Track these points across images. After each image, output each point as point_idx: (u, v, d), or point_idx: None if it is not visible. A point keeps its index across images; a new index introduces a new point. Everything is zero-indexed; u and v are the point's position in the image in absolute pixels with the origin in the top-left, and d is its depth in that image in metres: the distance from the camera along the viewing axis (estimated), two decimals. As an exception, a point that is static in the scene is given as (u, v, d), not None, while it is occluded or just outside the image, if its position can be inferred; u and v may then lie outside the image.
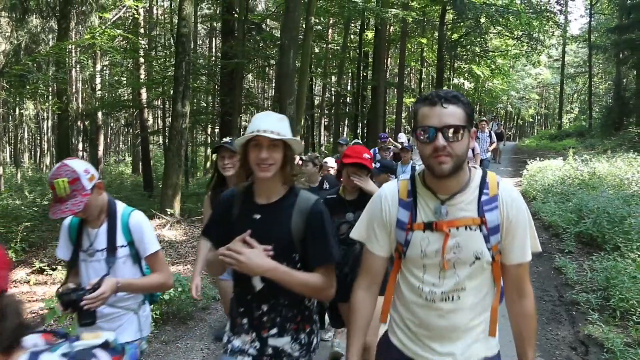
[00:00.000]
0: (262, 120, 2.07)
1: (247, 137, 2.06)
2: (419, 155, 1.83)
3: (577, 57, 45.13)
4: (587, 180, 11.83)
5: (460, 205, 1.83)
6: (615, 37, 22.94)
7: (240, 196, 2.24)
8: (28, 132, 37.93)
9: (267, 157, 2.01)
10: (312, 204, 2.13)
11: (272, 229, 2.10)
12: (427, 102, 1.77)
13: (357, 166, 3.38)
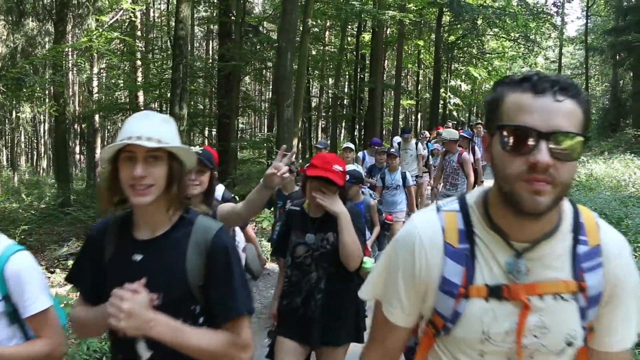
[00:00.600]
0: (137, 123, 1.55)
1: (115, 147, 1.52)
2: (498, 173, 1.12)
3: (574, 58, 45.26)
4: (585, 181, 11.88)
5: (547, 261, 1.17)
6: (611, 39, 23.00)
7: (113, 229, 1.66)
8: (25, 136, 37.84)
9: (143, 175, 1.47)
10: (214, 236, 1.58)
11: (159, 273, 1.54)
12: (529, 86, 1.09)
13: (324, 181, 2.70)
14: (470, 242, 1.20)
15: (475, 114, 43.96)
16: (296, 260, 2.84)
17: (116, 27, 17.67)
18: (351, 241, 2.69)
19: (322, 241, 2.80)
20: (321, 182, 2.71)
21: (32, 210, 12.67)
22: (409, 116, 39.68)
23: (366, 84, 22.93)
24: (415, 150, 10.32)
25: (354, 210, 2.90)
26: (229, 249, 1.60)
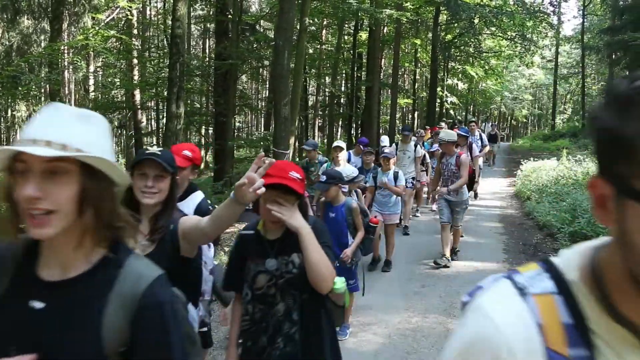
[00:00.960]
0: (40, 120, 1.14)
1: (4, 154, 1.10)
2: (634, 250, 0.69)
3: (570, 57, 45.35)
4: (581, 180, 11.89)
5: None
6: (608, 38, 23.04)
7: (11, 262, 1.20)
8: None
9: (36, 197, 1.05)
10: (147, 288, 1.16)
11: (63, 330, 1.12)
12: None
13: (280, 190, 2.27)
14: (587, 344, 0.75)
15: (472, 113, 44.01)
16: (257, 292, 2.38)
17: (112, 25, 17.61)
18: (319, 259, 2.24)
19: (286, 265, 2.36)
20: (277, 191, 2.25)
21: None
22: (405, 115, 39.69)
23: (363, 83, 22.93)
24: (414, 152, 9.74)
25: (319, 226, 2.49)
26: (165, 307, 1.17)
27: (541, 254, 7.77)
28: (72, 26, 18.13)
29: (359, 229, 4.95)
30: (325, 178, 4.76)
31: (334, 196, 4.83)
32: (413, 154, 9.76)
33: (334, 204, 4.90)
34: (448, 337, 4.07)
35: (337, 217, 4.86)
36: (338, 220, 4.86)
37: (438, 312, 5.50)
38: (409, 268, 7.17)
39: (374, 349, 4.67)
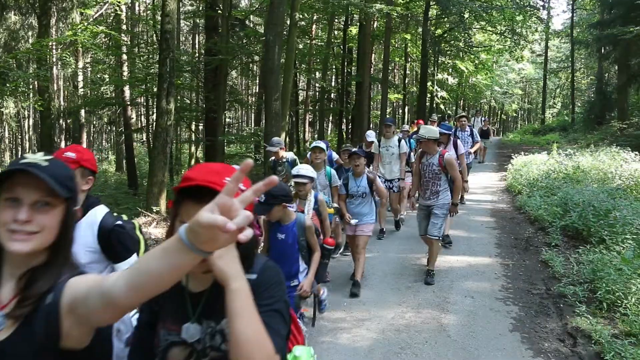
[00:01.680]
0: None
1: None
2: None
3: (560, 52, 45.52)
4: (572, 174, 11.96)
5: None
6: (597, 33, 23.14)
7: None
8: (9, 131, 37.34)
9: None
10: None
11: None
12: None
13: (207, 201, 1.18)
14: None
15: (462, 107, 44.13)
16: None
17: (101, 21, 17.43)
18: (251, 335, 1.30)
19: (213, 336, 1.48)
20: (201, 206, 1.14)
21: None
22: (396, 110, 39.73)
23: (353, 78, 22.89)
24: (398, 148, 8.60)
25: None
26: None
27: (533, 248, 7.81)
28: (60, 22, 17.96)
29: (314, 251, 4.05)
30: (265, 197, 3.62)
31: (280, 216, 3.87)
32: (397, 150, 8.63)
33: (282, 223, 3.93)
34: (441, 331, 4.08)
35: (287, 239, 3.93)
36: (288, 243, 3.93)
37: (431, 307, 5.51)
38: (401, 263, 7.17)
39: (368, 344, 4.67)
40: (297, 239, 3.92)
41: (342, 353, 4.52)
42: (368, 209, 6.30)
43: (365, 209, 6.29)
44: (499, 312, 5.40)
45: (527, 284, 6.25)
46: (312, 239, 4.00)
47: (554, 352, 4.48)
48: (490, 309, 5.49)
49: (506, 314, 5.35)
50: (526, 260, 7.20)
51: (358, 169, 6.21)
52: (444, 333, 4.87)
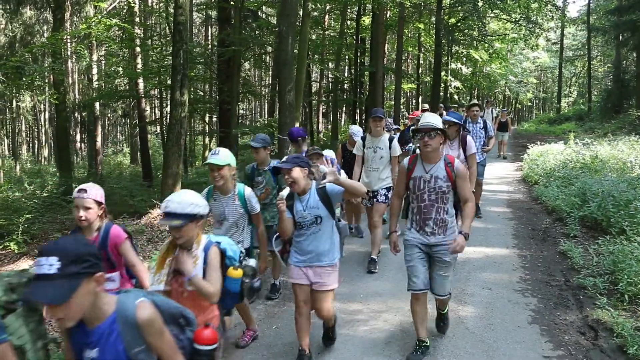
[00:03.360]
0: None
1: None
2: None
3: (576, 40, 44.89)
4: (590, 163, 11.79)
5: None
6: (615, 19, 22.78)
7: None
8: (25, 125, 37.77)
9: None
10: None
11: None
12: None
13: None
14: None
15: (476, 97, 43.73)
16: None
17: (114, 13, 17.48)
18: None
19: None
20: None
21: (34, 199, 12.61)
22: (409, 100, 39.48)
23: (367, 68, 22.76)
24: (389, 149, 6.58)
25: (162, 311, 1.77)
26: None
27: (551, 239, 7.72)
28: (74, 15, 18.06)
29: None
30: None
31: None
32: (388, 152, 6.59)
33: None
34: (459, 323, 4.02)
35: None
36: None
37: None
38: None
39: (385, 336, 4.64)
40: None
41: (359, 345, 4.50)
42: (327, 242, 3.96)
43: (322, 243, 3.94)
44: (518, 304, 5.34)
45: (545, 275, 6.18)
46: None
47: (574, 345, 4.42)
48: (508, 300, 5.43)
49: (525, 305, 5.29)
50: (544, 252, 7.12)
51: (295, 187, 3.84)
52: (461, 325, 4.83)
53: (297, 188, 3.82)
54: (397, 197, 4.31)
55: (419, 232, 4.08)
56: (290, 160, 3.84)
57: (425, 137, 3.91)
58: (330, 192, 3.83)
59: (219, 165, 4.04)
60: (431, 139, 3.91)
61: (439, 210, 4.01)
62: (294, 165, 3.78)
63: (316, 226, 3.89)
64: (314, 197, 3.88)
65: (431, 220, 4.01)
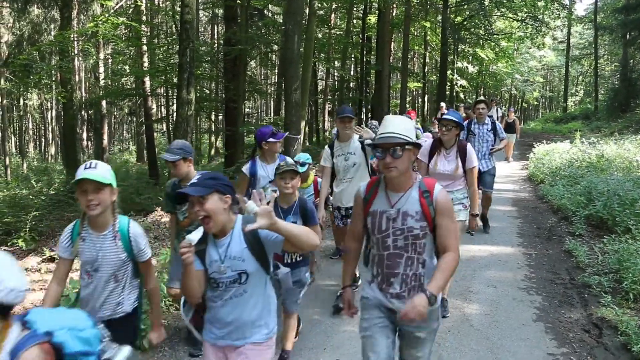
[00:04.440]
0: None
1: None
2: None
3: (583, 38, 44.71)
4: (596, 162, 11.78)
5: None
6: (622, 17, 22.68)
7: None
8: (32, 123, 37.98)
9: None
10: None
11: None
12: None
13: None
14: None
15: (482, 96, 43.61)
16: None
17: (121, 12, 17.55)
18: None
19: None
20: None
21: (42, 196, 12.69)
22: (416, 98, 39.43)
23: (373, 67, 22.76)
24: (364, 156, 5.33)
25: None
26: None
27: (556, 237, 7.73)
28: (81, 14, 18.14)
29: None
30: None
31: None
32: (362, 157, 5.32)
33: None
34: (464, 321, 4.05)
35: None
36: None
37: (454, 296, 5.48)
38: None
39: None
40: None
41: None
42: (255, 309, 2.63)
43: (248, 310, 2.61)
44: (522, 301, 5.36)
45: (550, 273, 6.19)
46: None
47: (579, 343, 4.44)
48: (513, 298, 5.45)
49: (529, 303, 5.31)
50: (549, 250, 7.13)
51: (210, 224, 2.46)
52: (466, 322, 4.85)
53: (213, 226, 2.41)
54: (351, 238, 2.88)
55: (381, 286, 2.74)
56: (203, 182, 2.42)
57: (386, 155, 2.50)
58: (265, 237, 2.45)
59: (97, 182, 2.64)
60: (396, 158, 2.50)
61: (410, 263, 2.64)
62: (209, 191, 2.39)
63: (239, 286, 2.53)
64: (238, 241, 2.49)
65: (398, 277, 2.66)
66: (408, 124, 2.64)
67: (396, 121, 2.63)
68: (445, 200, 2.60)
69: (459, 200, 4.88)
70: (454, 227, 2.63)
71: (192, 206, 2.43)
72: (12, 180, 16.01)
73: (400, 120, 2.67)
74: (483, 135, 7.54)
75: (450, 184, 4.89)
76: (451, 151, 4.92)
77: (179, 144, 4.10)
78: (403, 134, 2.52)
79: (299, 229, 2.36)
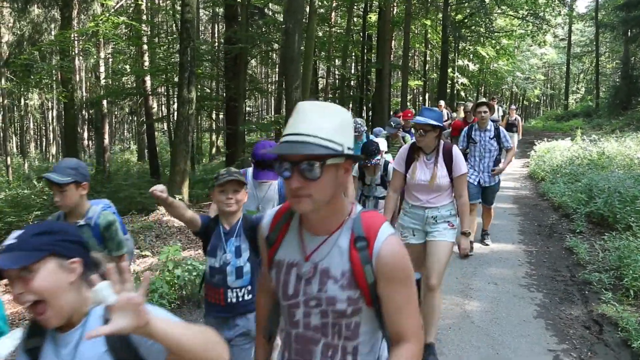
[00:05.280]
0: None
1: None
2: None
3: (584, 36, 44.64)
4: (597, 160, 11.78)
5: None
6: (623, 15, 22.64)
7: None
8: (33, 122, 38.02)
9: None
10: None
11: None
12: None
13: None
14: None
15: (483, 94, 43.57)
16: None
17: (121, 11, 17.57)
18: None
19: None
20: None
21: (43, 196, 12.74)
22: (416, 96, 39.40)
23: (373, 65, 22.74)
24: None
25: None
26: None
27: (557, 235, 7.73)
28: (82, 14, 18.15)
29: None
30: None
31: None
32: None
33: None
34: (465, 317, 4.06)
35: None
36: None
37: (454, 293, 5.49)
38: (424, 250, 7.15)
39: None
40: None
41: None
42: None
43: None
44: (523, 298, 5.37)
45: (551, 270, 6.20)
46: None
47: (579, 339, 4.44)
48: (514, 295, 5.46)
49: (530, 300, 5.32)
50: (550, 247, 7.14)
51: (42, 314, 1.36)
52: (467, 319, 4.86)
53: (51, 316, 1.37)
54: (262, 289, 1.92)
55: None
56: (27, 241, 1.37)
57: (293, 175, 1.45)
58: (139, 341, 1.39)
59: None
60: (310, 180, 1.44)
61: (330, 354, 1.59)
62: (38, 257, 1.36)
63: None
64: (93, 341, 1.36)
65: None
66: (341, 118, 1.46)
67: (313, 115, 1.43)
68: (393, 255, 1.49)
69: (444, 218, 3.94)
70: (410, 299, 1.54)
71: (11, 285, 1.34)
72: (14, 180, 16.04)
73: (325, 111, 1.45)
74: (485, 144, 6.50)
75: (434, 197, 3.95)
76: (433, 156, 3.96)
77: (72, 163, 3.01)
78: (325, 137, 1.40)
79: (192, 335, 1.28)
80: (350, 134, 1.50)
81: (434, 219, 3.95)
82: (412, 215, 4.07)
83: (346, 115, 1.50)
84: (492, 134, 6.47)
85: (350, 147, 1.48)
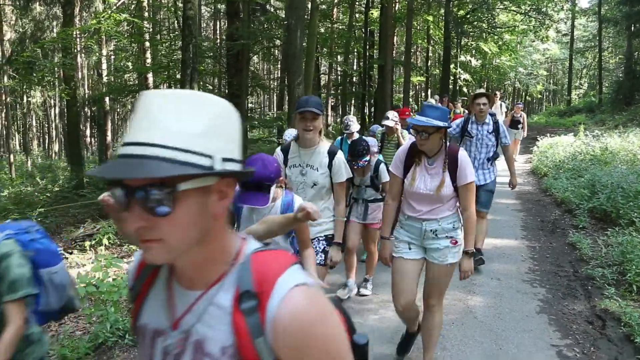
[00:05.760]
0: None
1: None
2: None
3: (587, 31, 44.48)
4: (599, 155, 11.77)
5: None
6: (626, 9, 22.56)
7: None
8: (36, 120, 38.08)
9: None
10: None
11: None
12: None
13: None
14: None
15: (485, 90, 43.41)
16: None
17: (123, 8, 17.56)
18: None
19: None
20: None
21: (47, 193, 12.79)
22: (419, 92, 39.35)
23: (375, 61, 22.71)
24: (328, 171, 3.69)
25: None
26: None
27: (559, 230, 7.74)
28: (83, 11, 18.17)
29: None
30: None
31: None
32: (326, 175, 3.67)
33: None
34: (468, 313, 4.06)
35: None
36: None
37: (457, 288, 5.50)
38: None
39: (394, 325, 4.69)
40: None
41: (370, 333, 4.54)
42: None
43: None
44: (526, 294, 5.38)
45: (554, 266, 6.21)
46: None
47: (582, 334, 4.45)
48: (517, 290, 5.47)
49: (533, 295, 5.33)
50: (553, 243, 7.14)
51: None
52: (470, 314, 4.87)
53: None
54: None
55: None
56: None
57: (131, 211, 0.90)
58: None
59: None
60: (159, 215, 0.89)
61: None
62: None
63: None
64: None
65: None
66: (212, 112, 0.96)
67: (163, 111, 0.90)
68: (299, 319, 0.93)
69: (446, 232, 3.39)
70: None
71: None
72: (17, 178, 16.09)
73: (183, 103, 0.92)
74: (482, 138, 5.79)
75: (435, 208, 3.38)
76: (436, 161, 3.38)
77: None
78: (179, 146, 0.88)
79: None
80: (232, 136, 0.98)
81: (433, 233, 3.38)
82: (408, 228, 3.50)
83: (221, 108, 0.98)
84: (491, 128, 5.78)
85: (230, 158, 0.95)
